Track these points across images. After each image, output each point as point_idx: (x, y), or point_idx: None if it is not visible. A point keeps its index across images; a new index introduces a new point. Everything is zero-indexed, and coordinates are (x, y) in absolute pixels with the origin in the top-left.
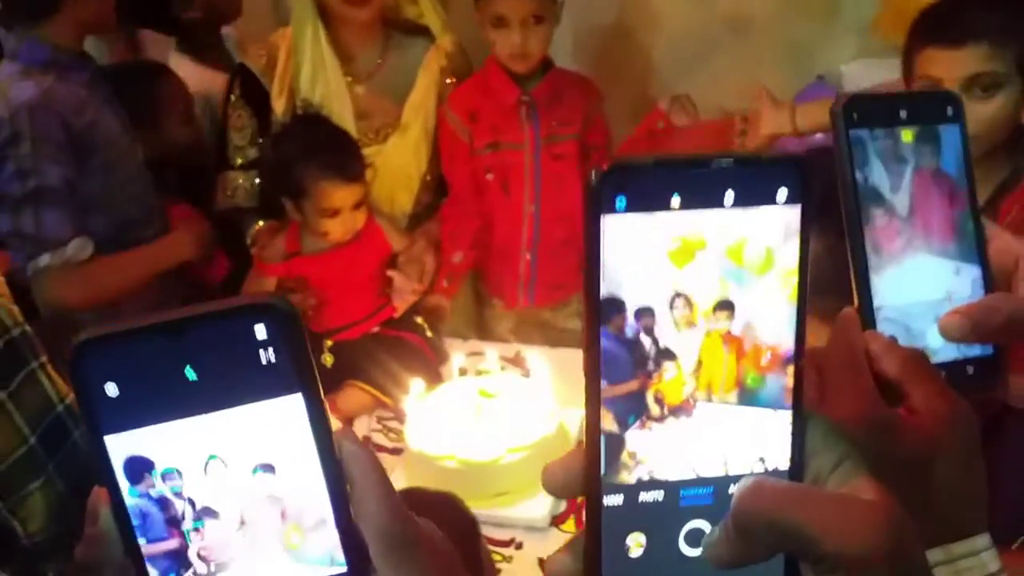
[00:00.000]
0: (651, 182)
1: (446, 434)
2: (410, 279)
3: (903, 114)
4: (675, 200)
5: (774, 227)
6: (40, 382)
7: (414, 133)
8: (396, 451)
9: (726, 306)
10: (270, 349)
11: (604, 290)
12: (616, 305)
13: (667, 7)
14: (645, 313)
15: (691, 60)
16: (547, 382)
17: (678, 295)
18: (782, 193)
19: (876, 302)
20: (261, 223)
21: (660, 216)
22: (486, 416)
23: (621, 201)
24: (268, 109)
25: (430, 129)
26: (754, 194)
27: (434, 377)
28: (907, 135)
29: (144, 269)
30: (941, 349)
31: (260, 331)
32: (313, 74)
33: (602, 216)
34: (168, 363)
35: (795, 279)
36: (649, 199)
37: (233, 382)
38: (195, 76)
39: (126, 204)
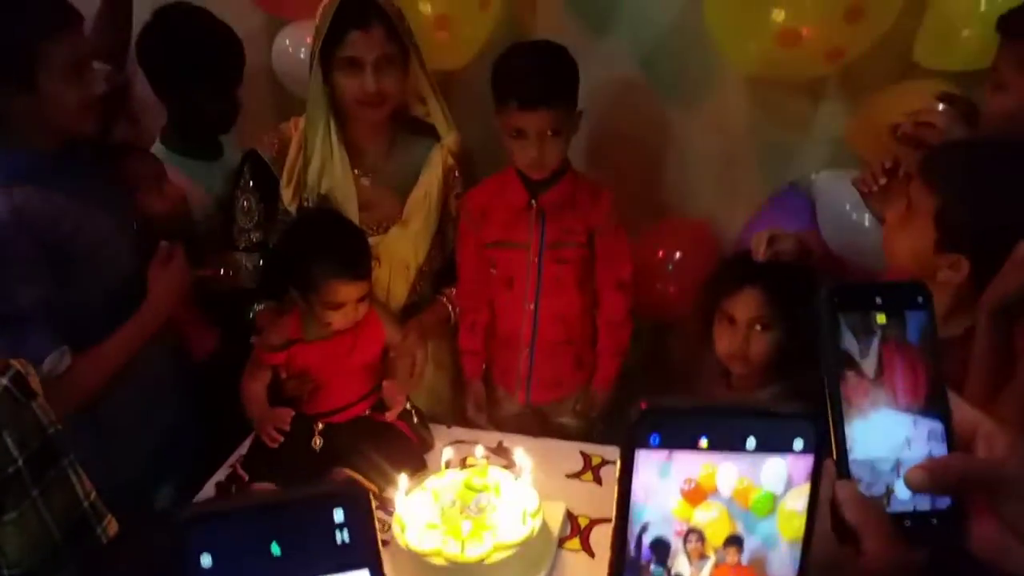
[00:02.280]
0: (684, 424)
1: (432, 530)
2: (399, 382)
3: (878, 300)
4: (703, 441)
5: (778, 475)
6: (70, 479)
7: (415, 226)
8: (383, 543)
9: (735, 541)
10: (345, 531)
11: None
12: (633, 535)
13: (660, 113)
14: (659, 545)
15: (677, 159)
16: (530, 475)
17: (692, 531)
18: (798, 443)
19: (850, 453)
20: (262, 305)
21: (686, 455)
22: (471, 512)
23: (656, 439)
24: (275, 195)
25: (431, 223)
26: (774, 442)
27: (419, 464)
28: (881, 318)
29: (126, 351)
30: (909, 501)
31: (338, 515)
32: (322, 166)
33: (637, 450)
34: (258, 539)
35: (797, 520)
36: (681, 439)
37: (311, 558)
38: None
39: (116, 299)
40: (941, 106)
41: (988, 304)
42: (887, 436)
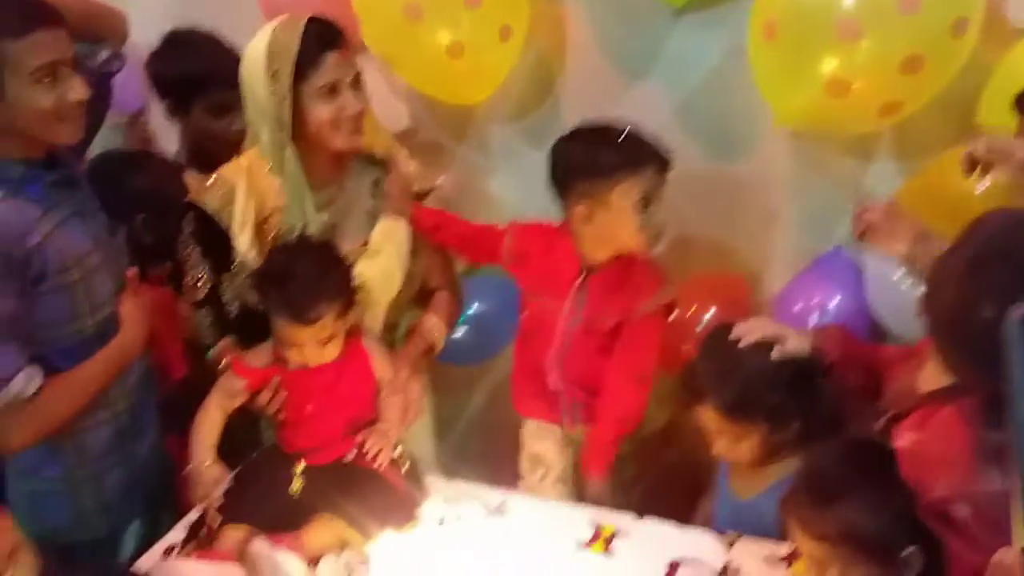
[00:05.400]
0: None
1: None
2: (387, 423)
3: None
4: None
5: None
6: None
7: (384, 258)
8: None
9: None
10: None
11: None
12: None
13: (696, 165)
14: None
15: (716, 214)
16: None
17: None
18: None
19: None
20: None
21: None
22: None
23: None
24: (225, 246)
25: (403, 253)
26: None
27: (407, 518)
28: None
29: (96, 383)
30: None
31: None
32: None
33: None
34: None
35: None
36: None
37: None
38: None
39: (94, 315)
40: None
41: None
42: None
